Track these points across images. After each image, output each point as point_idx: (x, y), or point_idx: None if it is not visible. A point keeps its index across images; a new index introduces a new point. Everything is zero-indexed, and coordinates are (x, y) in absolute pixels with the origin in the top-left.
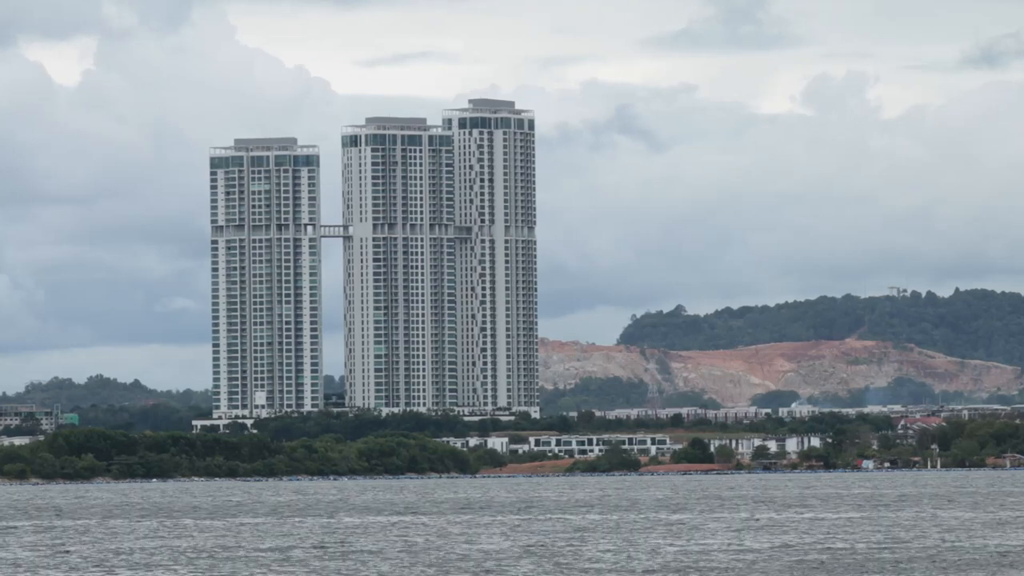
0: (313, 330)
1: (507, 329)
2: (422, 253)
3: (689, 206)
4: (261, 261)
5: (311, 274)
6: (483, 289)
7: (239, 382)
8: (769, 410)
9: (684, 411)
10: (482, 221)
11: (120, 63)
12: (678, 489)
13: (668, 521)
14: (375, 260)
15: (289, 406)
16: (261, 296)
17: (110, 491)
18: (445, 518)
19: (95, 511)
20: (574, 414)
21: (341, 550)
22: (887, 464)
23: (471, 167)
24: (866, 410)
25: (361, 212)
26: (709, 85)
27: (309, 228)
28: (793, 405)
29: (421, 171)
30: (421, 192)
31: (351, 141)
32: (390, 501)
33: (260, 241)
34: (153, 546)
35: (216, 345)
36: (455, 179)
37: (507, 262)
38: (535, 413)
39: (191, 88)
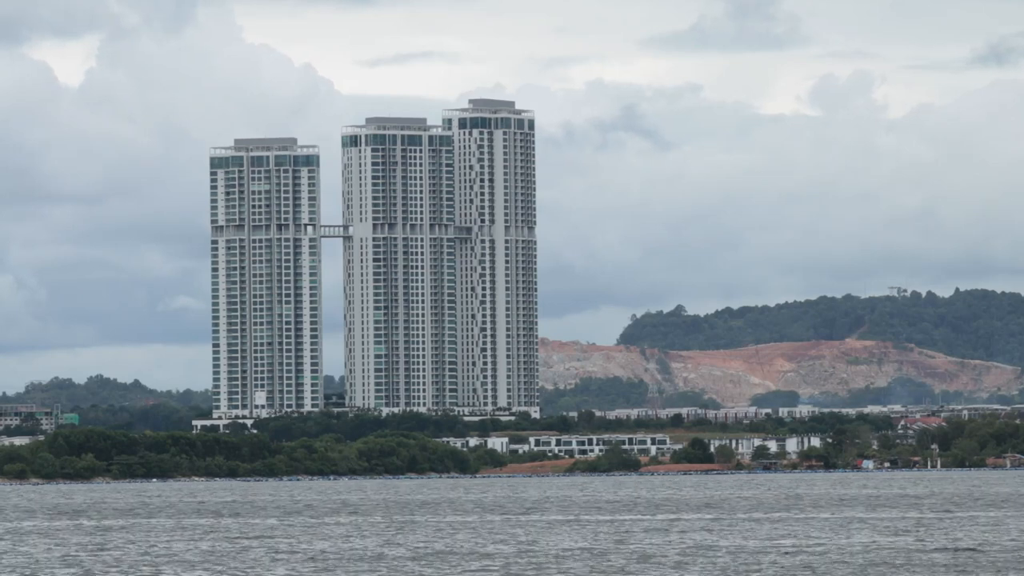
0: (313, 330)
1: (507, 329)
2: (422, 253)
3: (693, 205)
4: (261, 261)
5: (311, 274)
6: (483, 289)
7: (239, 382)
8: (769, 410)
9: (684, 411)
10: (482, 221)
11: (125, 62)
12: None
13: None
14: (375, 260)
15: (289, 406)
16: (261, 296)
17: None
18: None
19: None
20: (574, 414)
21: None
22: (887, 464)
23: (471, 167)
24: (866, 410)
25: (361, 212)
26: (714, 84)
27: (309, 228)
28: (798, 406)
29: (421, 171)
30: (421, 192)
31: (351, 141)
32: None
33: (260, 241)
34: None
35: (216, 345)
36: (455, 179)
37: (507, 262)
38: (535, 413)
39: (196, 87)
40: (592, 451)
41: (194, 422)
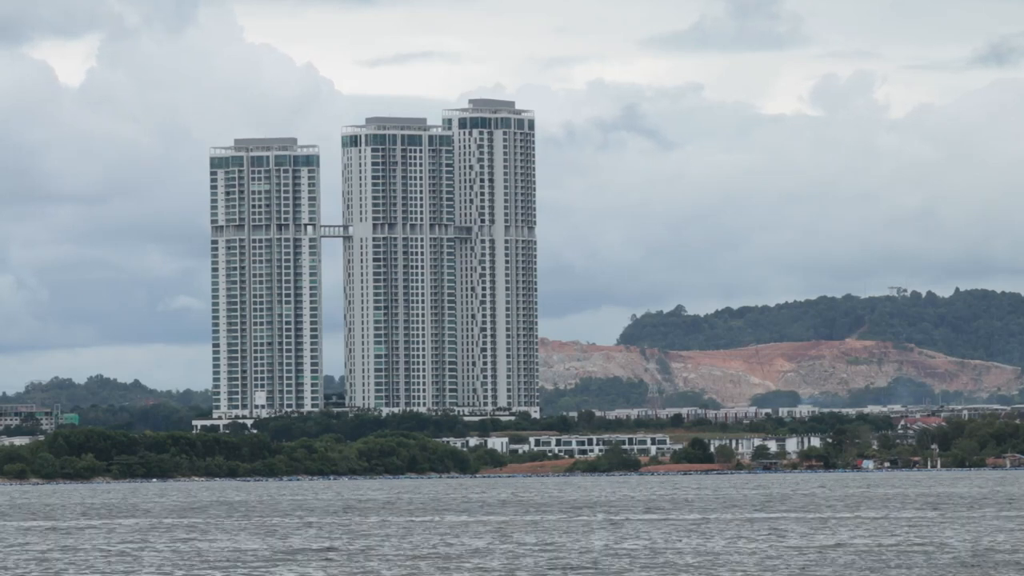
0: (313, 330)
1: (507, 329)
2: (422, 253)
3: (694, 205)
4: (261, 261)
5: (311, 274)
6: (483, 289)
7: (239, 382)
8: (769, 410)
9: (684, 411)
10: (482, 221)
11: (126, 62)
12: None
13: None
14: (375, 260)
15: (289, 406)
16: (261, 296)
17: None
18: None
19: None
20: (574, 414)
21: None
22: (887, 464)
23: (471, 167)
24: (866, 410)
25: (361, 212)
26: (715, 84)
27: (309, 228)
28: (798, 406)
29: (421, 171)
30: (421, 192)
31: (351, 141)
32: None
33: (260, 241)
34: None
35: (216, 345)
36: (455, 179)
37: (507, 262)
38: (535, 413)
39: (197, 87)
40: (592, 451)
41: (194, 422)
